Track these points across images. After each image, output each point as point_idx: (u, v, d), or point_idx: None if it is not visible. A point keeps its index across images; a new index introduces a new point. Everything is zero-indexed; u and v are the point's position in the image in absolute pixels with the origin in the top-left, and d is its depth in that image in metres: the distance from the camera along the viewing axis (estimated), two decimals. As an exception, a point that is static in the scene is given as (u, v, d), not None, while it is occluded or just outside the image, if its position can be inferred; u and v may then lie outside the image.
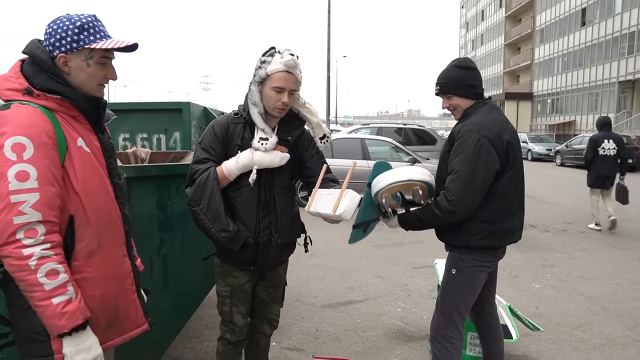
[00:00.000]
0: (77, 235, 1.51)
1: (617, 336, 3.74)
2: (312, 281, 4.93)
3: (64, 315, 1.39)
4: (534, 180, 15.49)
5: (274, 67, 2.10)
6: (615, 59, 31.28)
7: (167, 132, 5.10)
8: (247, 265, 2.32)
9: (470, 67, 2.33)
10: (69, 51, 1.50)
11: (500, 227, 2.25)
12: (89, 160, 1.54)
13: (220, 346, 2.44)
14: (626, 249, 6.58)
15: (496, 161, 2.16)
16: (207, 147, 2.19)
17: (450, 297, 2.37)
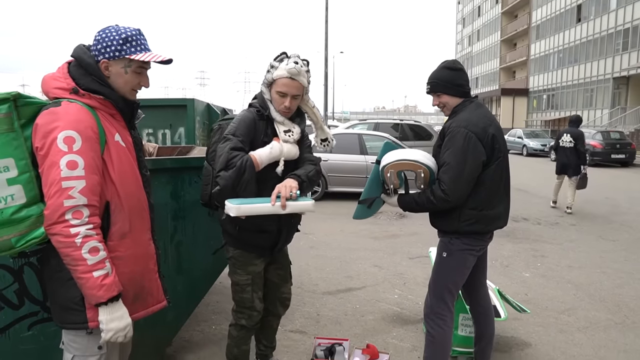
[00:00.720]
0: (112, 218, 1.71)
1: (600, 319, 3.98)
2: (313, 270, 5.15)
3: (102, 287, 1.60)
4: (528, 175, 15.75)
5: (279, 73, 2.28)
6: (610, 55, 31.54)
7: (172, 128, 5.29)
8: (267, 251, 2.50)
9: (458, 69, 2.54)
10: (111, 58, 1.71)
11: (487, 214, 2.46)
12: (124, 153, 1.75)
13: (234, 331, 2.58)
14: (614, 241, 6.82)
15: (482, 153, 2.37)
16: (241, 137, 2.27)
17: (442, 278, 2.59)
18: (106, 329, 1.63)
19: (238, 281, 2.49)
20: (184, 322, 3.16)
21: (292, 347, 3.36)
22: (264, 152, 2.31)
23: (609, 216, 8.68)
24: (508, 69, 50.29)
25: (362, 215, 2.78)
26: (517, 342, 3.54)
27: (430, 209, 2.52)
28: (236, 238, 2.44)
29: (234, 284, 2.51)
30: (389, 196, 2.64)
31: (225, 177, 2.20)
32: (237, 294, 2.52)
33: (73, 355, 1.75)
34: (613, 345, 3.51)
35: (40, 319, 2.44)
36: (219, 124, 2.54)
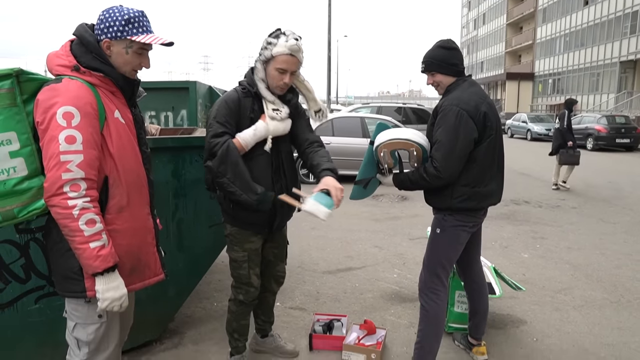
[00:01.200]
0: (111, 192, 1.76)
1: (596, 298, 4.04)
2: (314, 250, 5.22)
3: (98, 257, 1.66)
4: (531, 159, 15.74)
5: (279, 50, 2.29)
6: (617, 39, 31.17)
7: (174, 110, 5.33)
8: (264, 228, 2.55)
9: (452, 48, 2.56)
10: (113, 38, 1.76)
11: (479, 191, 2.50)
12: (123, 129, 1.80)
13: (233, 306, 2.66)
14: (614, 223, 6.85)
15: (474, 130, 2.40)
16: (222, 121, 2.31)
17: (435, 254, 2.65)
18: (102, 298, 1.71)
19: (235, 258, 2.55)
20: (185, 298, 3.24)
21: (291, 323, 3.45)
22: (248, 134, 2.35)
23: (611, 199, 8.69)
24: (514, 52, 49.79)
25: (358, 196, 2.83)
26: (512, 319, 3.61)
27: (423, 187, 2.56)
28: (232, 216, 2.48)
29: (232, 260, 2.57)
30: (384, 176, 2.68)
31: (210, 167, 2.28)
32: (235, 270, 2.58)
33: (75, 323, 1.84)
34: (607, 322, 3.57)
35: (46, 292, 2.52)
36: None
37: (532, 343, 3.24)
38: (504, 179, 2.71)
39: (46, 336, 2.52)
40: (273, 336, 3.00)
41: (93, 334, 1.83)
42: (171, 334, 3.24)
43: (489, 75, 52.48)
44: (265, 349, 2.98)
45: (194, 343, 3.14)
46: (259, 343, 2.99)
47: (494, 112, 2.52)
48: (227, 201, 2.42)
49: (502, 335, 3.35)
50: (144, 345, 3.03)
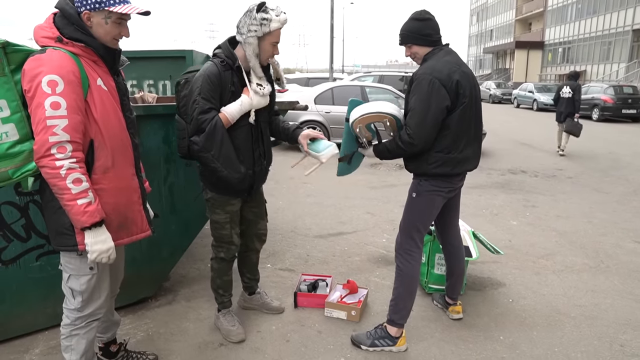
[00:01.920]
0: (96, 154, 1.92)
1: (575, 264, 4.19)
2: (307, 216, 5.39)
3: (85, 213, 1.82)
4: (535, 129, 15.70)
5: (275, 25, 2.40)
6: (631, 6, 30.37)
7: (171, 79, 5.43)
8: (244, 193, 2.72)
9: (425, 18, 2.63)
10: (92, 10, 1.87)
11: (454, 157, 2.61)
12: (106, 96, 1.95)
13: (216, 264, 2.84)
14: (607, 193, 6.95)
15: (446, 98, 2.49)
16: (208, 97, 2.38)
17: (411, 217, 2.79)
18: (91, 250, 1.88)
19: (217, 219, 2.70)
20: (178, 258, 3.42)
21: (280, 283, 3.63)
22: (234, 108, 2.46)
23: (608, 170, 8.76)
24: (524, 20, 48.70)
25: (344, 172, 2.96)
26: (492, 282, 3.77)
27: (401, 154, 2.66)
28: (214, 184, 2.61)
29: (213, 222, 2.72)
30: (365, 149, 2.79)
31: (198, 142, 2.37)
32: (217, 231, 2.73)
33: (69, 275, 2.03)
34: (583, 286, 3.73)
35: (46, 251, 2.71)
36: (185, 78, 2.59)
37: (508, 303, 3.41)
38: (481, 146, 2.81)
39: (48, 290, 2.72)
40: (260, 293, 3.19)
41: (85, 284, 2.02)
42: (166, 292, 3.44)
43: (497, 44, 51.51)
44: (253, 306, 3.17)
45: (186, 300, 3.34)
46: (247, 300, 3.18)
47: (468, 80, 2.59)
48: (211, 174, 2.53)
49: (480, 297, 3.51)
50: (140, 302, 3.24)
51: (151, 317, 3.09)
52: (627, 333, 3.05)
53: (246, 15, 2.42)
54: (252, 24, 2.39)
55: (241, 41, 2.45)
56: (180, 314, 3.14)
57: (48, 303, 2.77)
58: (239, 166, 2.48)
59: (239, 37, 2.47)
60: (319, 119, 9.90)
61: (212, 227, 2.74)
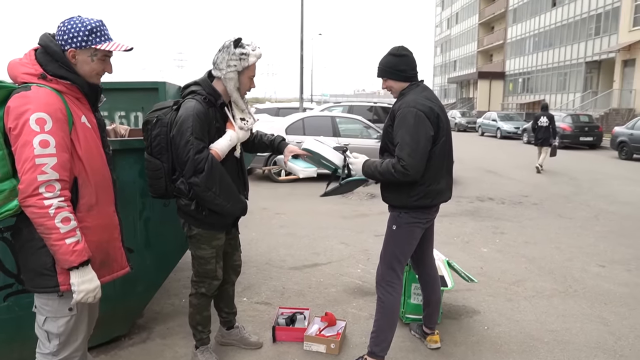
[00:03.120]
0: (80, 192, 1.90)
1: (545, 289, 4.30)
2: (282, 248, 5.37)
3: (74, 252, 1.79)
4: (499, 156, 16.21)
5: (252, 60, 2.50)
6: (583, 40, 32.13)
7: (144, 110, 5.40)
8: (230, 226, 2.76)
9: (401, 55, 2.74)
10: (78, 47, 1.88)
11: (434, 189, 2.69)
12: (90, 133, 1.95)
13: (195, 300, 2.78)
14: (571, 219, 7.20)
15: (431, 129, 2.58)
16: (200, 136, 2.40)
17: (391, 249, 2.83)
18: (78, 291, 1.83)
19: (203, 255, 2.66)
20: (153, 294, 3.35)
21: (257, 317, 3.59)
22: (224, 143, 2.51)
23: (570, 196, 9.08)
24: (485, 52, 50.75)
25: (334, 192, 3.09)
26: (467, 310, 3.83)
27: (389, 180, 2.66)
28: (201, 220, 2.58)
29: (198, 257, 2.68)
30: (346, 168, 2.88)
31: (199, 183, 2.39)
32: (201, 267, 2.69)
33: (45, 317, 1.95)
34: (554, 311, 3.83)
35: (14, 290, 2.61)
36: (156, 117, 2.57)
37: (483, 331, 3.46)
38: (452, 177, 2.90)
39: (15, 332, 2.61)
40: (238, 327, 3.14)
41: (63, 327, 1.95)
42: (140, 329, 3.34)
43: (461, 74, 53.37)
44: (231, 341, 3.12)
45: (161, 337, 3.26)
46: (225, 335, 3.12)
47: (445, 115, 2.72)
48: (199, 209, 2.53)
49: (456, 325, 3.56)
50: (112, 341, 3.14)
51: (125, 357, 3.00)
52: (598, 356, 3.13)
53: (223, 52, 2.47)
54: (231, 59, 2.45)
55: (220, 76, 2.50)
56: (156, 353, 3.06)
57: (14, 346, 2.65)
58: (239, 196, 2.58)
59: (217, 72, 2.51)
60: (290, 149, 9.95)
61: (197, 262, 2.70)
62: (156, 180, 2.58)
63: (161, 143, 2.53)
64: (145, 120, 2.62)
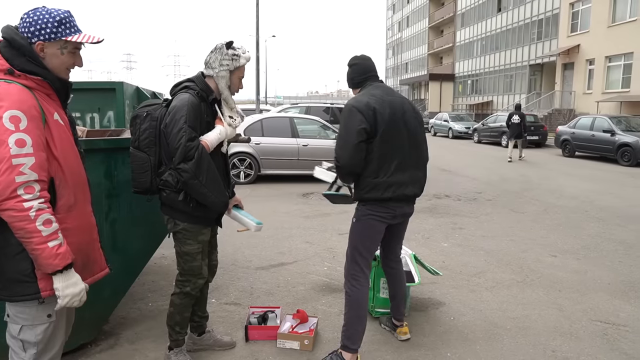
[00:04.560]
0: (58, 193, 1.79)
1: (505, 279, 4.49)
2: (246, 248, 5.34)
3: (58, 255, 1.69)
4: (452, 155, 16.70)
5: (243, 61, 2.62)
6: (526, 44, 33.62)
7: (100, 111, 5.24)
8: (215, 221, 2.78)
9: (351, 64, 2.99)
10: (47, 40, 1.77)
11: (383, 181, 2.74)
12: (63, 131, 1.84)
13: (178, 299, 2.72)
14: (523, 213, 7.53)
15: (363, 122, 2.68)
16: (193, 125, 2.44)
17: (352, 241, 2.90)
18: (63, 295, 1.74)
19: (189, 251, 2.64)
20: (120, 299, 3.27)
21: (227, 318, 3.56)
22: (213, 136, 2.57)
23: (521, 192, 9.50)
24: (436, 54, 52.19)
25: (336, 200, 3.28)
26: (433, 302, 3.94)
27: (340, 176, 2.94)
28: (188, 213, 2.58)
29: (184, 254, 2.65)
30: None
31: (187, 169, 2.40)
32: (187, 263, 2.66)
33: (21, 326, 1.81)
34: (514, 299, 4.00)
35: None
36: (146, 112, 2.61)
37: (450, 321, 3.58)
38: (423, 172, 2.97)
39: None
40: (210, 332, 3.10)
41: (42, 334, 1.83)
42: (107, 336, 3.24)
43: (413, 76, 54.60)
44: (203, 346, 3.06)
45: (130, 342, 3.17)
46: (196, 342, 3.06)
47: (391, 107, 2.76)
48: (187, 200, 2.53)
49: (424, 317, 3.66)
50: (78, 349, 3.02)
51: (93, 364, 2.90)
52: (557, 339, 3.31)
53: (216, 52, 2.59)
54: (223, 59, 2.57)
55: (213, 75, 2.61)
56: (125, 358, 2.97)
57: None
58: (223, 190, 2.60)
59: (209, 71, 2.61)
60: (249, 151, 9.90)
61: (183, 260, 2.66)
62: (141, 174, 2.59)
63: (150, 137, 2.56)
64: (135, 115, 2.65)
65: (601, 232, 6.32)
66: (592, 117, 16.69)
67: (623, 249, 5.57)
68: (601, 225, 6.74)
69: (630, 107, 21.84)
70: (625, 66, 23.26)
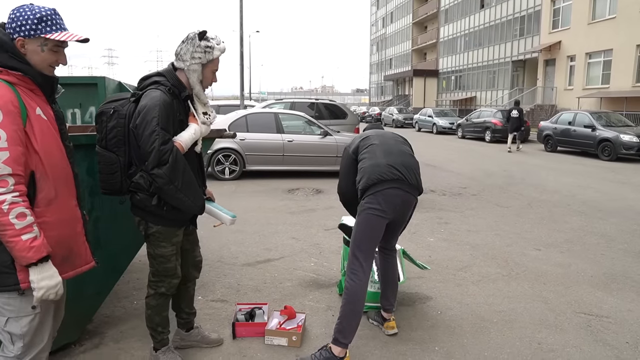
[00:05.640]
0: (38, 186, 1.82)
1: (490, 273, 4.52)
2: (232, 245, 5.30)
3: (31, 248, 1.72)
4: (437, 151, 16.80)
5: (217, 53, 2.45)
6: (509, 40, 33.92)
7: (82, 107, 5.13)
8: (188, 222, 2.68)
9: None
10: (26, 36, 1.80)
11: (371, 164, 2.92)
12: (46, 125, 1.86)
13: (154, 300, 2.65)
14: (507, 207, 7.61)
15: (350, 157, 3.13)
16: (166, 127, 2.31)
17: (353, 236, 2.92)
18: (37, 288, 1.76)
19: (163, 253, 2.55)
20: (104, 297, 3.21)
21: (214, 315, 3.52)
22: (187, 136, 2.44)
23: (505, 186, 9.59)
24: (419, 50, 52.37)
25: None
26: (420, 296, 3.96)
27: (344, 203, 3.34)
28: (161, 216, 2.48)
29: (158, 256, 2.56)
30: None
31: (162, 175, 2.28)
32: (161, 265, 2.58)
33: (7, 318, 1.84)
34: (499, 293, 4.04)
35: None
36: (113, 108, 2.46)
37: (437, 315, 3.59)
38: (404, 159, 2.99)
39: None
40: (197, 328, 3.06)
41: (27, 326, 1.86)
42: (91, 335, 3.19)
43: (397, 72, 54.77)
44: (191, 343, 3.02)
45: (115, 342, 3.12)
46: (184, 338, 3.02)
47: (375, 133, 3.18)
48: (160, 204, 2.43)
49: (411, 311, 3.67)
50: (61, 349, 2.96)
51: (77, 364, 2.85)
52: (542, 332, 3.34)
53: (188, 43, 2.42)
54: (195, 52, 2.40)
55: (184, 68, 2.45)
56: (110, 358, 2.92)
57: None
58: (200, 193, 2.50)
59: (180, 64, 2.45)
60: (233, 147, 9.83)
61: (156, 262, 2.58)
62: (110, 175, 2.47)
63: (118, 135, 2.42)
64: (100, 112, 2.49)
65: (584, 226, 6.41)
66: (573, 112, 16.92)
67: (605, 242, 5.65)
68: (583, 218, 6.83)
69: (610, 103, 22.23)
70: (605, 62, 23.63)
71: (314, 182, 9.67)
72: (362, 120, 31.59)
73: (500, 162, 13.50)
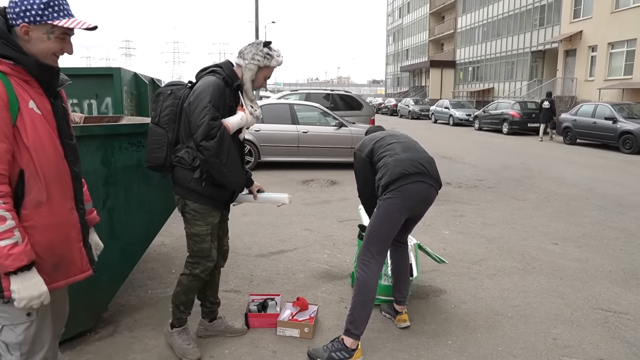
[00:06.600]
0: (27, 187, 1.65)
1: (505, 267, 4.47)
2: (246, 236, 5.32)
3: (9, 256, 1.55)
4: (453, 142, 16.63)
5: (274, 63, 2.66)
6: (528, 30, 33.28)
7: (98, 98, 5.18)
8: (225, 204, 2.81)
9: None
10: (32, 23, 1.64)
11: (393, 159, 2.92)
12: (40, 120, 1.68)
13: (186, 280, 2.75)
14: (524, 200, 7.50)
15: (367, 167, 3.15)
16: (217, 105, 2.50)
17: (369, 228, 2.91)
18: (18, 298, 1.60)
19: (198, 232, 2.68)
20: (119, 287, 3.25)
21: (227, 305, 3.54)
22: (235, 120, 2.61)
23: (522, 179, 9.46)
24: (436, 41, 51.72)
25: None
26: (433, 289, 3.93)
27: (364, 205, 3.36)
28: (200, 193, 2.62)
29: (194, 235, 2.69)
30: None
31: (209, 147, 2.44)
32: (197, 245, 2.70)
33: (2, 326, 1.71)
34: (515, 287, 3.99)
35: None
36: (170, 90, 2.68)
37: (451, 309, 3.56)
38: (418, 152, 3.05)
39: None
40: (221, 318, 3.10)
41: (23, 334, 1.72)
42: (106, 323, 3.23)
43: (413, 63, 54.22)
44: (215, 332, 3.06)
45: (129, 330, 3.16)
46: (208, 328, 3.06)
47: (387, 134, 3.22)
48: (201, 178, 2.57)
49: (425, 304, 3.64)
50: (77, 336, 3.01)
51: (93, 352, 2.88)
52: (558, 327, 3.29)
53: (253, 46, 2.65)
54: (257, 54, 2.61)
55: (242, 65, 2.66)
56: (125, 346, 2.96)
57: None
58: (242, 172, 2.68)
59: (240, 60, 2.66)
60: (249, 138, 9.84)
61: (192, 241, 2.70)
62: (157, 149, 2.64)
63: (170, 114, 2.63)
64: (158, 93, 2.71)
65: (602, 220, 6.29)
66: (594, 104, 16.58)
67: (624, 236, 5.54)
68: (602, 213, 6.71)
69: (633, 95, 21.69)
70: (628, 53, 23.03)
71: (328, 173, 9.65)
72: (377, 111, 31.40)
73: (517, 155, 13.31)
